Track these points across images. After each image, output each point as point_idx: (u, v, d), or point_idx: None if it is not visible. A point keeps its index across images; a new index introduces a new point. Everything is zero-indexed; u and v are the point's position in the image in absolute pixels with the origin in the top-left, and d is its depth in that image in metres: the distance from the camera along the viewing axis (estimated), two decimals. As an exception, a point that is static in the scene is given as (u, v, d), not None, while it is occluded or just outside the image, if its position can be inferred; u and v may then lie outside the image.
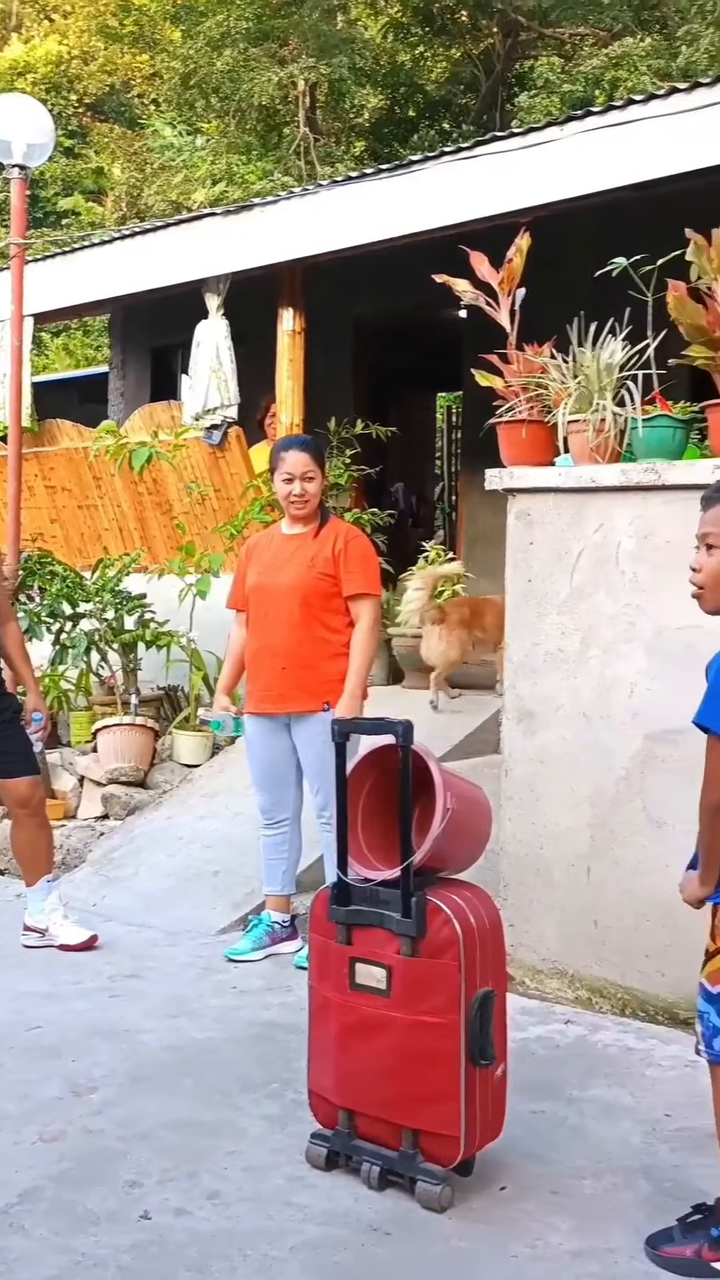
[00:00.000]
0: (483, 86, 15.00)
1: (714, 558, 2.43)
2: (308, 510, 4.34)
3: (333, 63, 12.96)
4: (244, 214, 6.42)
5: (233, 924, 4.75)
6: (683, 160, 4.55)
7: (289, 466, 4.30)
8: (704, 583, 2.45)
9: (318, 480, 4.34)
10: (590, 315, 4.04)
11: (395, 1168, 2.72)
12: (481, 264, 4.30)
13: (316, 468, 4.34)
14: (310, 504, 4.33)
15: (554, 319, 4.15)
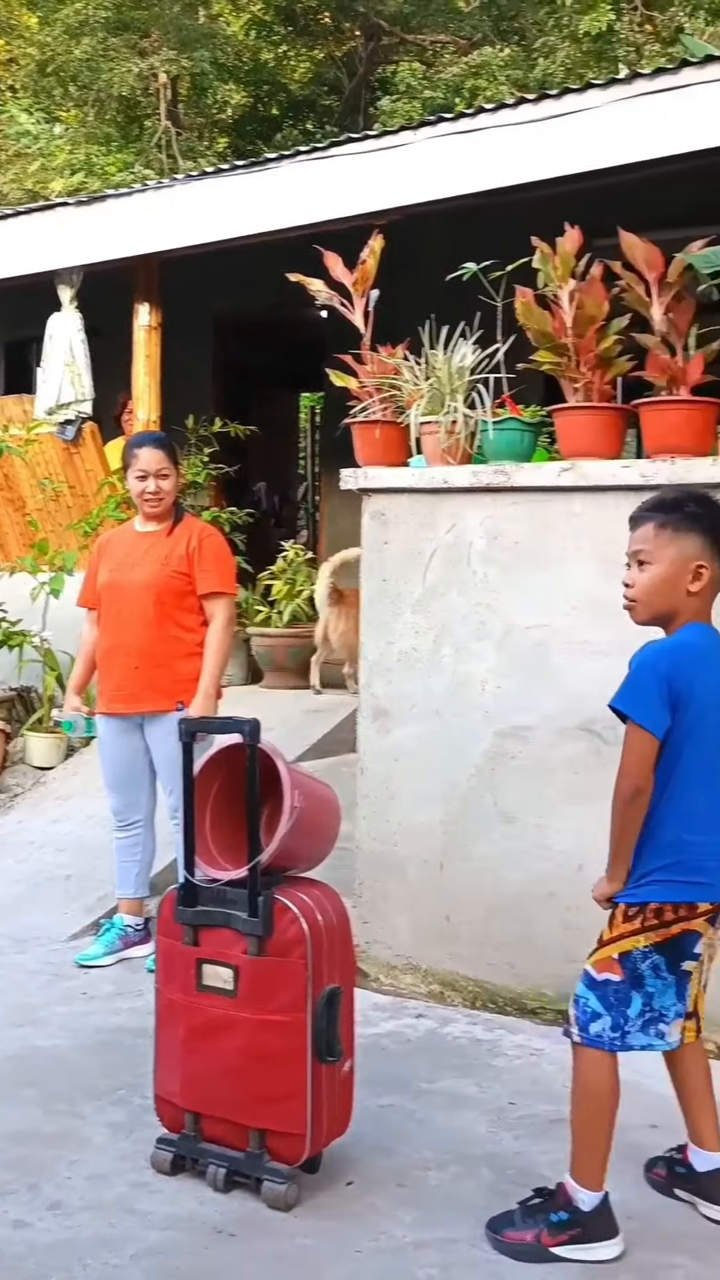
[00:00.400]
0: (346, 89, 15.08)
1: (645, 573, 2.52)
2: (162, 508, 4.30)
3: (194, 57, 12.86)
4: (98, 205, 6.32)
5: (85, 929, 4.66)
6: (530, 170, 4.65)
7: (142, 464, 4.25)
8: (636, 597, 2.55)
9: (172, 478, 4.30)
10: (443, 319, 4.09)
11: (241, 1168, 2.70)
12: (336, 265, 4.32)
13: (171, 465, 4.29)
14: (165, 501, 4.29)
15: (411, 321, 4.20)
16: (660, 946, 2.48)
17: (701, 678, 2.45)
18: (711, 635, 2.55)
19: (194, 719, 3.00)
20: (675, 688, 2.42)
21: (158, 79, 13.43)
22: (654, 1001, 2.50)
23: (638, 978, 2.48)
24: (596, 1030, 2.49)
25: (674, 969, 2.50)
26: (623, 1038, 2.49)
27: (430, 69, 13.88)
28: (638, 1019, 2.49)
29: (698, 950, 2.52)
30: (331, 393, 6.55)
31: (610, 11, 11.79)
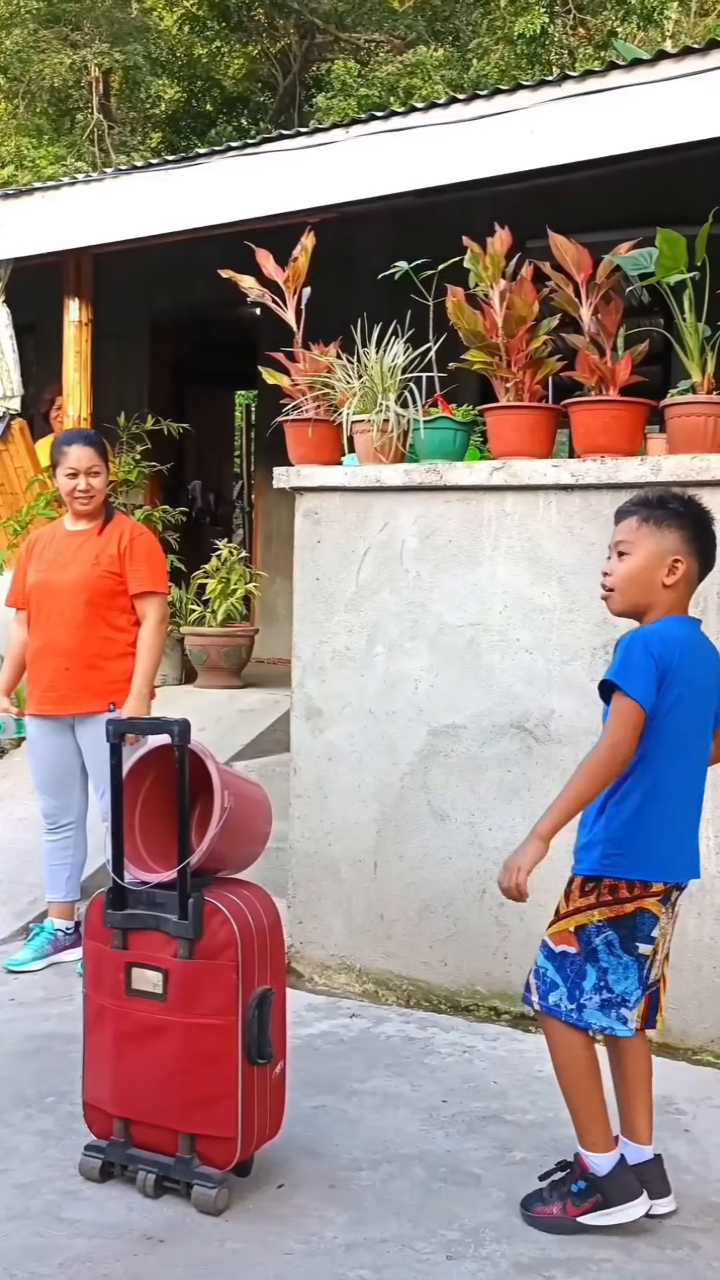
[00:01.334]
0: (280, 86, 15.04)
1: (624, 564, 2.60)
2: (92, 506, 4.25)
3: (127, 50, 12.75)
4: (25, 198, 6.22)
5: (14, 934, 4.58)
6: (461, 169, 4.66)
7: (72, 461, 4.20)
8: (614, 585, 2.62)
9: (102, 475, 4.25)
10: (376, 317, 4.09)
11: (172, 1174, 2.67)
12: (267, 262, 4.30)
13: (101, 462, 4.25)
14: (95, 500, 4.24)
15: (344, 320, 4.19)
16: (614, 922, 2.54)
17: (682, 664, 2.52)
18: (689, 626, 2.63)
19: (122, 719, 2.97)
20: (662, 668, 2.48)
21: (90, 72, 13.29)
22: (610, 981, 2.54)
23: (592, 952, 2.54)
24: (554, 1000, 2.56)
25: (628, 948, 2.54)
26: (579, 1011, 2.54)
27: (366, 68, 13.90)
28: (594, 993, 2.53)
29: (654, 934, 2.56)
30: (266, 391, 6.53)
31: (544, 15, 11.89)
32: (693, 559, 2.60)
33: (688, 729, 2.56)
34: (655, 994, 2.65)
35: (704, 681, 2.59)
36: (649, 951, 2.57)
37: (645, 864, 2.54)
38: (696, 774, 2.65)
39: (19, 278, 6.49)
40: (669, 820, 2.56)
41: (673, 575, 2.57)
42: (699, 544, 2.62)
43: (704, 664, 2.61)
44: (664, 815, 2.54)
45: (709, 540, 2.65)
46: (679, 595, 2.61)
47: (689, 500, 2.66)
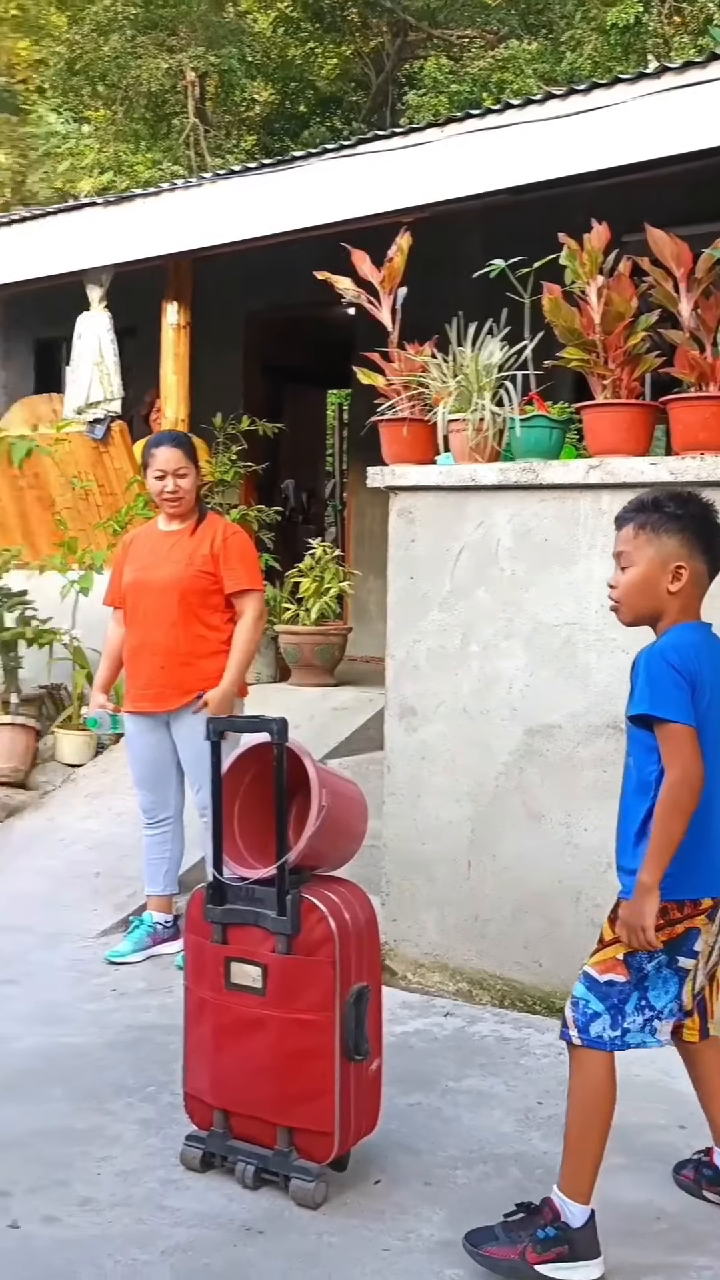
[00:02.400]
0: (373, 85, 15.05)
1: (626, 575, 2.53)
2: (182, 507, 4.31)
3: (222, 54, 12.87)
4: (126, 204, 6.34)
5: (114, 926, 4.68)
6: (558, 166, 4.63)
7: (160, 463, 4.27)
8: (618, 598, 2.55)
9: (190, 476, 4.30)
10: (471, 316, 4.08)
11: (270, 1166, 2.71)
12: (363, 262, 4.32)
13: (188, 463, 4.30)
14: (184, 500, 4.30)
15: (439, 319, 4.19)
16: (665, 944, 2.46)
17: (703, 670, 2.44)
18: (704, 630, 2.54)
19: (222, 718, 3.02)
20: (689, 679, 2.40)
21: (185, 76, 13.44)
22: (651, 998, 2.47)
23: (642, 977, 2.46)
24: (596, 1031, 2.45)
25: (673, 965, 2.49)
26: (622, 1036, 2.47)
27: (457, 63, 13.84)
28: (636, 1015, 2.47)
29: (697, 947, 2.50)
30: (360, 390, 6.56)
31: (638, 3, 11.70)
32: (698, 561, 2.49)
33: (716, 736, 2.46)
34: (702, 1002, 2.60)
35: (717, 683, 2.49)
36: (690, 966, 2.50)
37: (697, 881, 2.46)
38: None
39: (118, 282, 6.62)
40: (712, 832, 2.47)
41: (677, 582, 2.47)
42: (703, 544, 2.50)
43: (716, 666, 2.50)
44: (708, 828, 2.45)
45: (715, 538, 2.52)
46: (688, 600, 2.51)
47: (689, 499, 2.55)
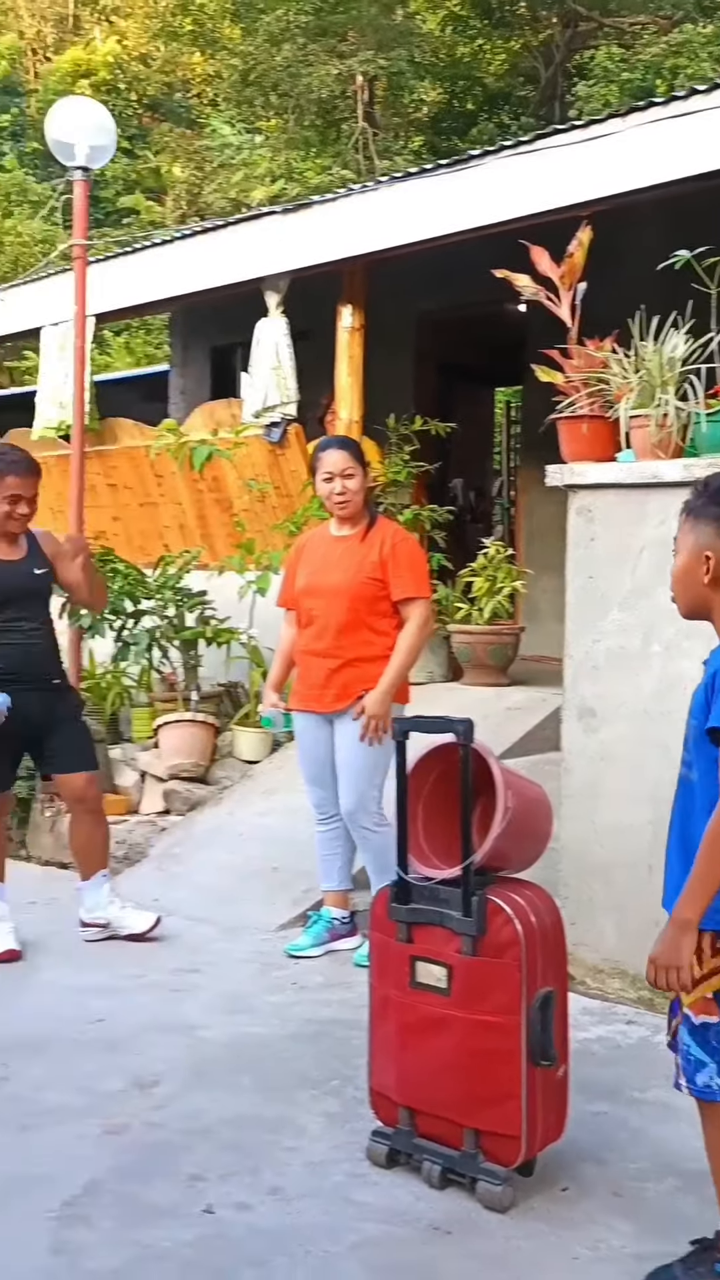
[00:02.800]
0: (542, 78, 14.90)
1: (675, 563, 2.43)
2: (350, 509, 4.35)
3: (391, 56, 12.96)
4: (303, 211, 6.43)
5: (292, 920, 4.77)
6: (748, 150, 4.48)
7: (328, 465, 4.32)
8: (671, 588, 2.46)
9: (358, 477, 4.33)
10: (654, 309, 3.99)
11: (456, 1167, 2.71)
12: (542, 258, 4.27)
13: (356, 465, 4.33)
14: (352, 502, 4.33)
15: (619, 313, 4.11)
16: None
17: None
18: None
19: (408, 718, 3.03)
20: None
21: (355, 81, 13.59)
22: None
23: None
24: (704, 1081, 2.30)
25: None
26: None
27: (629, 51, 13.57)
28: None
29: None
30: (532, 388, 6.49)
31: None
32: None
33: None
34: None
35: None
36: None
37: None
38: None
39: (293, 287, 6.73)
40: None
41: (709, 572, 2.33)
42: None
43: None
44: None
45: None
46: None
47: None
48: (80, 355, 6.64)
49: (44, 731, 4.48)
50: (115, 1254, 2.49)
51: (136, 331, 18.33)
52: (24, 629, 4.44)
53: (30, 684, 4.42)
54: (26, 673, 4.42)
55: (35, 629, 4.49)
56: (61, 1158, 2.89)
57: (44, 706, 4.47)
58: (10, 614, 4.39)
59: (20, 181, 18.87)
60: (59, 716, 4.53)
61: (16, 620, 4.41)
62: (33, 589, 4.49)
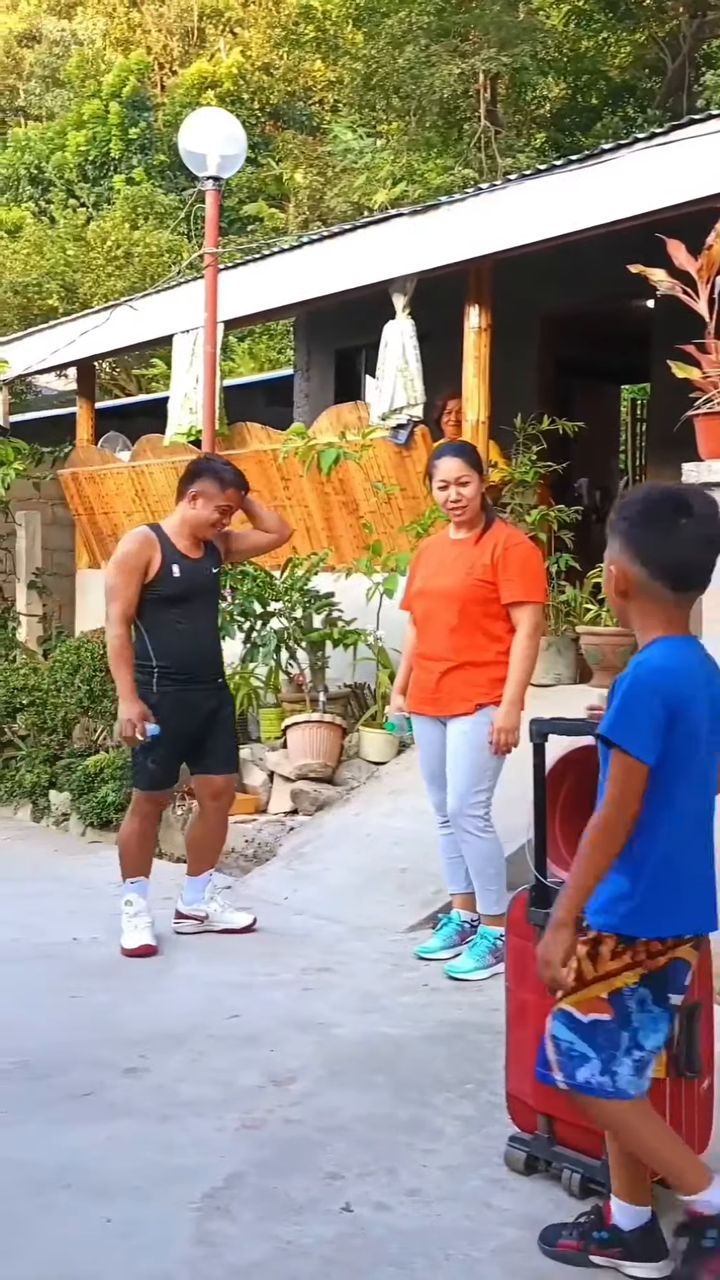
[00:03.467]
0: (668, 69, 14.60)
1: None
2: (467, 514, 4.33)
3: (514, 53, 12.85)
4: (431, 213, 6.43)
5: (421, 922, 4.77)
6: None
7: (442, 473, 4.32)
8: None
9: (473, 483, 4.31)
10: None
11: (597, 1176, 2.67)
12: (679, 252, 4.20)
13: (470, 471, 4.31)
14: (468, 508, 4.32)
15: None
16: (647, 978, 2.31)
17: (684, 700, 2.23)
18: (687, 649, 2.30)
19: (546, 720, 2.99)
20: (671, 712, 2.22)
21: (477, 79, 13.51)
22: (641, 1039, 2.31)
23: (626, 1015, 2.32)
24: (585, 1077, 2.33)
25: (661, 1001, 2.32)
26: (613, 1081, 2.31)
27: (760, 38, 13.21)
28: (625, 1057, 2.31)
29: (686, 982, 2.33)
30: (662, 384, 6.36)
31: None
32: (634, 564, 2.26)
33: (695, 766, 2.28)
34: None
35: (702, 710, 2.27)
36: (680, 1001, 2.32)
37: (675, 919, 2.30)
38: (710, 811, 2.34)
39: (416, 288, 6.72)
40: (693, 867, 2.30)
41: (614, 585, 2.30)
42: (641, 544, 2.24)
43: (702, 687, 2.28)
44: (688, 862, 2.30)
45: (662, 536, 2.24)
46: (648, 611, 2.28)
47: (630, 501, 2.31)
48: (210, 361, 6.76)
49: (206, 731, 4.63)
50: (256, 1247, 2.52)
51: (260, 337, 18.58)
52: (199, 627, 4.62)
53: (203, 683, 4.62)
54: (201, 671, 4.61)
55: (208, 628, 4.70)
56: (201, 1150, 2.94)
57: (210, 706, 4.64)
58: (187, 611, 4.56)
59: (149, 193, 19.31)
60: (220, 717, 4.69)
61: (192, 618, 4.58)
62: (209, 587, 4.70)
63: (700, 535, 2.26)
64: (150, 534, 4.58)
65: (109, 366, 16.61)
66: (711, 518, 2.28)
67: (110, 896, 5.42)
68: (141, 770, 4.59)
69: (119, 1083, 3.34)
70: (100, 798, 6.70)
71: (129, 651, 4.47)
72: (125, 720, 4.41)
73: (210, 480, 4.55)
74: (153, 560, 4.48)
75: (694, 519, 2.26)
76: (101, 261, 17.20)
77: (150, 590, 4.49)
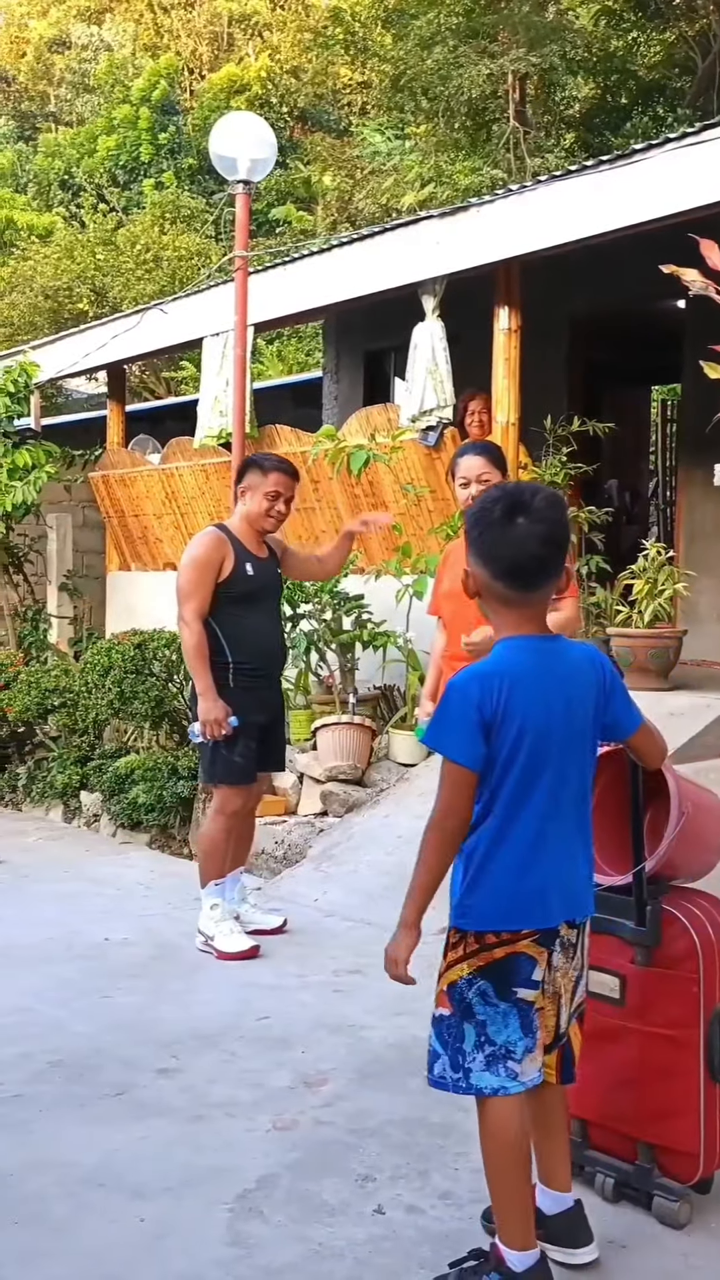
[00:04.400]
0: (699, 69, 14.51)
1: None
2: None
3: (543, 53, 12.81)
4: (460, 214, 6.42)
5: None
6: None
7: (464, 471, 4.32)
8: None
9: (495, 482, 4.30)
10: None
11: (630, 1181, 2.66)
12: (712, 252, 4.15)
13: (493, 469, 4.30)
14: None
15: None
16: (484, 971, 2.31)
17: (514, 701, 2.24)
18: (531, 650, 2.30)
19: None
20: (488, 716, 2.24)
21: (506, 80, 13.49)
22: (491, 1033, 2.29)
23: (466, 1008, 2.32)
24: (439, 1071, 2.34)
25: (505, 995, 2.29)
26: (465, 1077, 2.31)
27: (791, 36, 13.11)
28: (475, 1052, 2.30)
29: (535, 977, 2.29)
30: (695, 384, 6.33)
31: None
32: (477, 565, 2.33)
33: (537, 765, 2.27)
34: (567, 1046, 2.38)
35: (554, 706, 2.26)
36: (532, 997, 2.29)
37: (505, 914, 2.30)
38: (565, 807, 2.32)
39: (445, 290, 6.72)
40: (527, 864, 2.30)
41: (467, 586, 2.38)
42: (480, 544, 2.31)
43: (553, 687, 2.27)
44: (520, 860, 2.29)
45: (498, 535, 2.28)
46: (501, 610, 2.33)
47: (489, 493, 2.34)
48: (240, 364, 6.78)
49: (269, 728, 4.71)
50: (289, 1249, 2.53)
51: (288, 340, 18.63)
52: (270, 625, 4.73)
53: (272, 680, 4.76)
54: (272, 667, 4.74)
55: (276, 626, 4.81)
56: (233, 1151, 2.95)
57: (277, 703, 4.79)
58: (259, 607, 4.63)
59: (176, 196, 19.41)
60: (280, 715, 4.84)
61: (264, 615, 4.67)
62: (277, 586, 4.82)
63: (535, 533, 2.27)
64: (221, 534, 4.64)
65: (139, 370, 16.70)
66: (547, 515, 2.29)
67: (141, 897, 5.46)
68: (226, 764, 4.58)
69: (152, 1083, 3.36)
70: (131, 799, 6.74)
71: (206, 649, 4.51)
72: (210, 720, 4.46)
73: (253, 472, 4.64)
74: (226, 559, 4.55)
75: (529, 517, 2.27)
76: (131, 265, 17.30)
77: (225, 588, 4.55)
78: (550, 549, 2.29)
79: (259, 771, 4.73)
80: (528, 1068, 2.32)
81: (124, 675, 6.99)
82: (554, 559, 2.31)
